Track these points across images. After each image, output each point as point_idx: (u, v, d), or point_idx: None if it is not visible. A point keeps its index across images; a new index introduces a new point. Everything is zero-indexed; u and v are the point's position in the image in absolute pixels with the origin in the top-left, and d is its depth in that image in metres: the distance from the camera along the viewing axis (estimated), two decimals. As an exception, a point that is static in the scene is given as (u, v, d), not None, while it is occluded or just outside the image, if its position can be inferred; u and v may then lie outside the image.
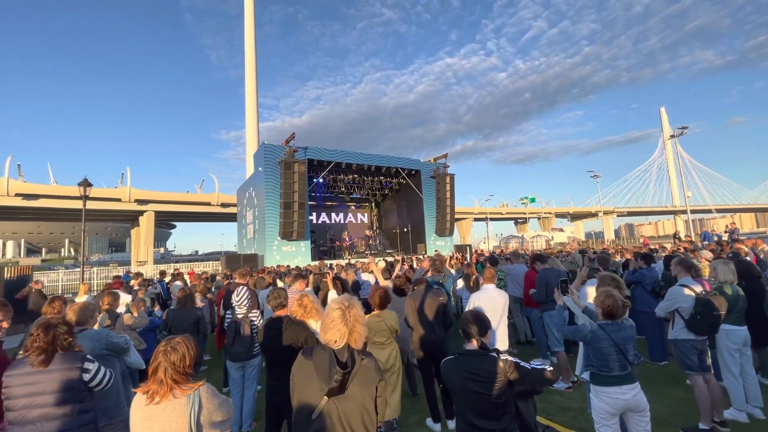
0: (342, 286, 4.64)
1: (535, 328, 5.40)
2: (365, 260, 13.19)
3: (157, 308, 4.85)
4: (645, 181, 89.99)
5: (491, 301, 3.59)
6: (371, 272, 7.56)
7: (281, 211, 17.56)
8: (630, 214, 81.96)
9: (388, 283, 5.00)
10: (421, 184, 23.31)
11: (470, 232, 68.01)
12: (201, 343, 4.39)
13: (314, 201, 24.94)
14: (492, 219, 67.12)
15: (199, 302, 4.77)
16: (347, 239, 24.80)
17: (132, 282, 8.24)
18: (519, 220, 79.32)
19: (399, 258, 12.71)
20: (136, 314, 4.36)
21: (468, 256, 11.42)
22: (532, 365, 2.20)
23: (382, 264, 7.63)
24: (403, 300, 4.27)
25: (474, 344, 2.30)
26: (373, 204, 29.40)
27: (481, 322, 2.33)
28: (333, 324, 1.79)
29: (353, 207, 28.57)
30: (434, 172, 23.50)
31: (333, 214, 26.57)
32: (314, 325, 3.15)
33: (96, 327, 2.97)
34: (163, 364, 1.87)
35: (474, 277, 5.06)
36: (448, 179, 23.15)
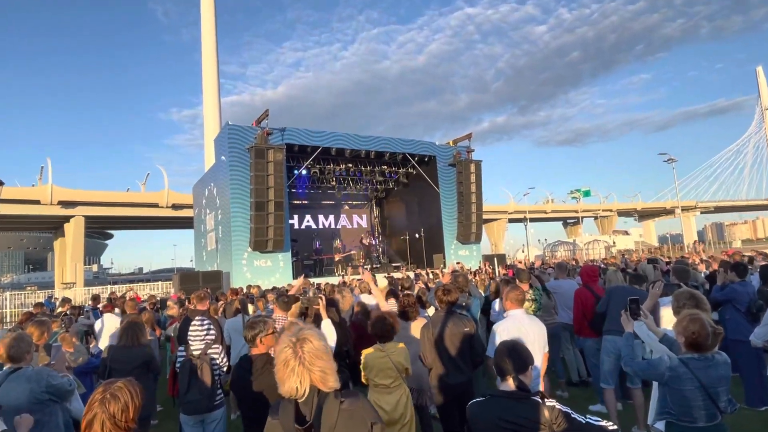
0: (336, 314, 4.65)
1: (591, 363, 5.40)
2: (360, 276, 13.17)
3: (93, 344, 4.89)
4: (738, 166, 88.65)
5: (520, 333, 3.53)
6: (371, 292, 7.63)
7: (252, 213, 17.65)
8: (718, 209, 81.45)
9: (392, 306, 5.01)
10: (436, 174, 23.29)
11: (503, 238, 68.04)
12: (152, 390, 4.40)
13: (296, 199, 25.01)
14: (533, 220, 67.16)
15: (147, 336, 4.82)
16: (340, 250, 24.90)
17: (58, 310, 8.32)
18: (569, 221, 79.20)
19: (407, 274, 12.72)
20: (70, 349, 4.42)
21: (496, 268, 11.41)
22: (588, 420, 2.14)
23: (383, 283, 7.64)
24: (410, 325, 4.31)
25: (510, 384, 2.29)
26: (373, 202, 29.30)
27: (518, 355, 2.34)
28: (286, 368, 1.80)
29: (347, 207, 28.54)
30: (454, 159, 23.50)
31: (321, 217, 26.70)
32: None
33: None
34: (99, 416, 1.86)
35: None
36: (473, 167, 23.15)
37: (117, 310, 7.45)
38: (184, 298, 10.60)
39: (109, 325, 6.33)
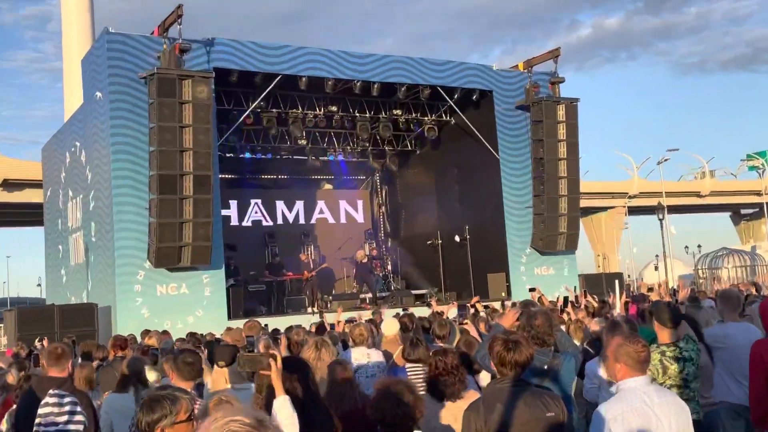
0: (304, 386, 4.67)
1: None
2: (360, 315, 13.18)
3: None
4: None
5: (646, 424, 3.58)
6: (373, 345, 7.59)
7: (154, 198, 17.78)
8: None
9: (414, 372, 5.00)
10: (494, 125, 23.42)
11: (619, 243, 67.72)
12: None
13: (234, 172, 25.11)
14: (676, 209, 66.78)
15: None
16: (311, 263, 24.47)
17: None
18: (744, 211, 78.30)
19: (439, 309, 12.73)
20: None
21: (616, 299, 11.37)
22: None
23: (392, 329, 7.68)
24: (450, 409, 4.33)
25: None
26: (377, 178, 29.10)
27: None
28: None
29: (329, 185, 28.47)
30: (528, 97, 23.56)
31: (280, 205, 26.83)
32: None
33: None
34: None
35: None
36: (562, 112, 23.19)
37: None
38: (25, 356, 10.65)
39: None
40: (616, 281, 20.78)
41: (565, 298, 11.42)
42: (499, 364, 4.04)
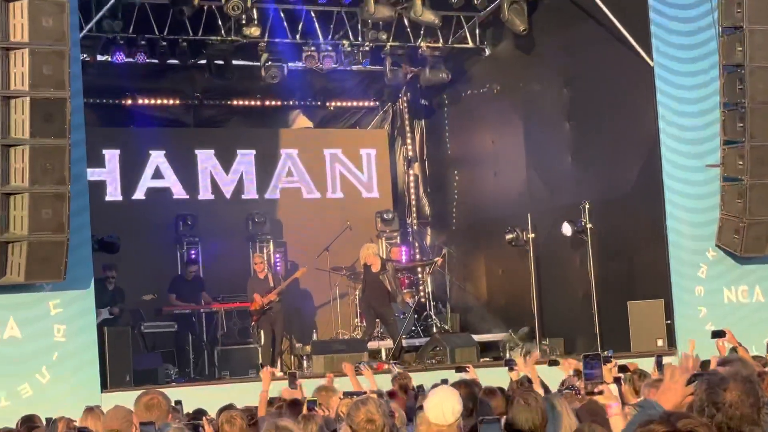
0: None
1: None
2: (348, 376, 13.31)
3: None
4: None
5: None
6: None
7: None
8: None
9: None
10: (642, 0, 24.74)
11: None
12: None
13: (112, 96, 26.13)
14: None
15: None
16: (269, 278, 24.26)
17: None
18: None
19: (531, 371, 12.87)
20: None
21: None
22: None
23: (449, 407, 7.82)
24: None
25: None
26: (404, 105, 30.24)
27: None
28: None
29: (305, 121, 28.44)
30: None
31: (206, 157, 27.93)
32: None
33: None
34: None
35: None
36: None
37: None
38: None
39: None
40: None
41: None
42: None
